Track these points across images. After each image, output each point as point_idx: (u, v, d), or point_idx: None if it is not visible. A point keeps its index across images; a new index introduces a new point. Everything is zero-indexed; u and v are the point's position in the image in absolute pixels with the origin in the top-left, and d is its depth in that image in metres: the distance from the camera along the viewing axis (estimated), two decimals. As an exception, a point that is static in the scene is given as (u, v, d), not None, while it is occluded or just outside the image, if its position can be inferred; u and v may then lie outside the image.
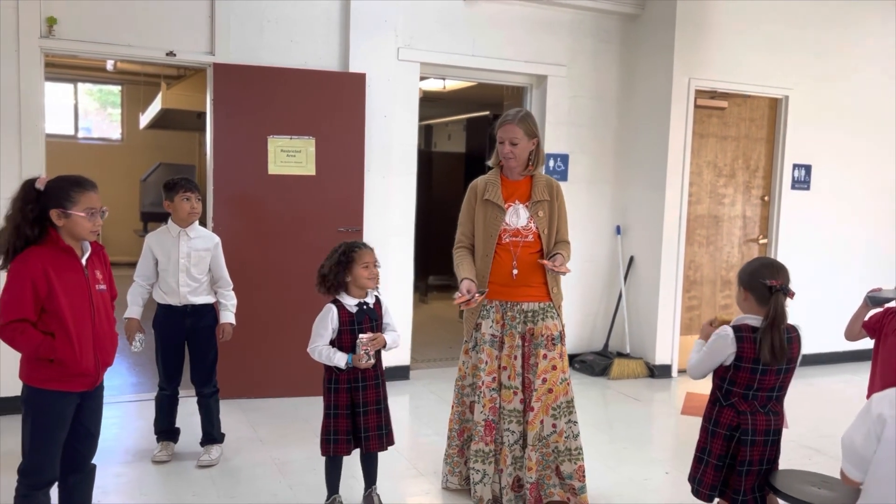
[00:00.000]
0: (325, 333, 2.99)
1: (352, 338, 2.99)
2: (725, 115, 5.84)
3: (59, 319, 2.41)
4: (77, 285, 2.47)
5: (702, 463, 2.62)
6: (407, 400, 4.98)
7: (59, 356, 2.41)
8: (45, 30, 4.25)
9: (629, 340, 5.86)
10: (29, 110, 4.27)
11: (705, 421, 2.65)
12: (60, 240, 2.45)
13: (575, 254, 5.80)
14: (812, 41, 5.94)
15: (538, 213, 3.28)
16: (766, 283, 2.51)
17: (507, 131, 3.24)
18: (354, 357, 2.95)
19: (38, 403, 2.47)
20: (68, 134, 10.89)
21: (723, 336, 2.55)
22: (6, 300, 2.38)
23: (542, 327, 3.23)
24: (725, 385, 2.57)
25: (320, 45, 4.91)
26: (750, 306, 2.57)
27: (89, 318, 2.48)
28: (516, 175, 3.33)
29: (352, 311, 3.01)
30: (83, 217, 2.45)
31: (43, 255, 2.41)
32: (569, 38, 5.65)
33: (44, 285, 2.38)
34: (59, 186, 2.45)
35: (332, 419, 3.02)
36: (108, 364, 2.62)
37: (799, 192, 6.08)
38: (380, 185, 5.12)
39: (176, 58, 4.61)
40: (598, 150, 5.87)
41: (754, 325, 2.54)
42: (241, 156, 4.71)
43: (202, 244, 3.71)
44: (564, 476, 3.29)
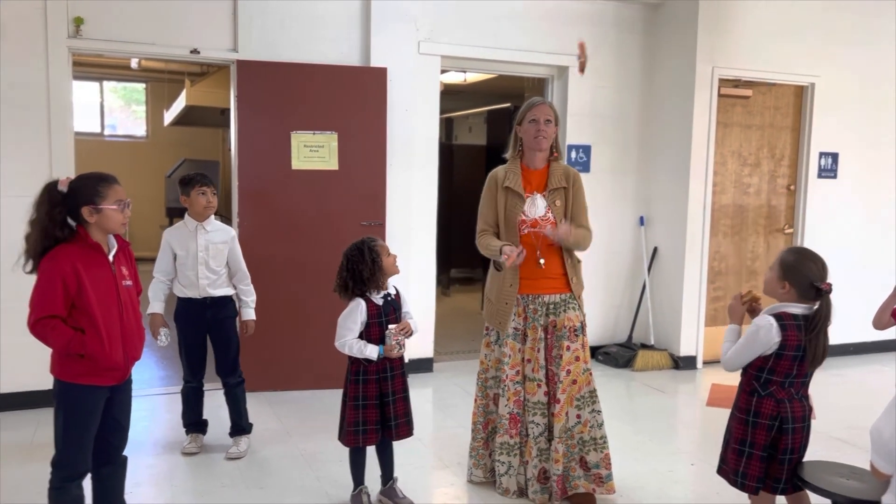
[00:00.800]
0: (354, 328, 3.03)
1: (380, 330, 3.03)
2: (750, 103, 5.77)
3: (88, 315, 2.45)
4: (105, 281, 2.51)
5: (743, 455, 2.57)
6: (430, 392, 5.01)
7: (89, 351, 2.46)
8: (73, 30, 4.32)
9: (653, 332, 5.84)
10: (58, 109, 4.34)
11: (741, 413, 2.59)
12: (88, 237, 2.50)
13: (598, 245, 5.79)
14: (838, 27, 5.85)
15: (555, 202, 3.28)
16: (818, 285, 2.50)
17: (542, 110, 3.26)
18: (386, 348, 3.01)
19: (69, 398, 2.53)
20: (95, 132, 11.05)
21: (766, 326, 2.49)
22: (37, 297, 2.43)
23: (565, 318, 3.23)
24: (764, 375, 2.53)
25: (342, 40, 4.93)
26: (789, 297, 2.54)
27: (117, 314, 2.53)
28: (539, 162, 3.32)
29: (378, 303, 3.06)
30: (115, 210, 2.50)
31: (71, 252, 2.45)
32: (590, 28, 5.61)
33: (73, 282, 2.43)
34: (86, 185, 2.50)
35: (361, 410, 3.05)
36: (137, 358, 2.67)
37: (826, 180, 6.00)
38: (402, 178, 5.13)
39: (200, 55, 4.66)
40: (620, 140, 5.84)
41: (795, 313, 2.52)
42: (265, 151, 4.75)
43: (219, 237, 3.78)
44: (591, 465, 3.29)
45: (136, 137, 11.37)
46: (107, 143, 11.09)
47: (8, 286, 4.08)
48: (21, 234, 2.49)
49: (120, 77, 10.94)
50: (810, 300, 2.52)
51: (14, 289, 2.88)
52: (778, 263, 2.58)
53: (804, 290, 2.51)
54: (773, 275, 2.59)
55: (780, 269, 2.56)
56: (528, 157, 3.34)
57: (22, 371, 4.28)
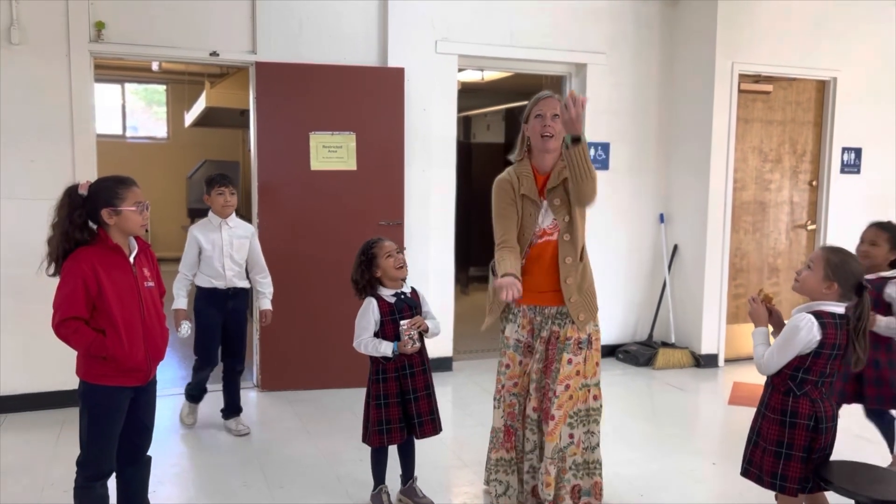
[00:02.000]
0: (368, 326, 3.06)
1: (394, 327, 3.05)
2: (771, 98, 5.71)
3: (109, 317, 2.49)
4: (126, 283, 2.55)
5: (781, 458, 2.51)
6: (450, 391, 5.02)
7: (111, 353, 2.49)
8: (94, 34, 4.37)
9: (674, 330, 5.80)
10: (80, 113, 4.40)
11: (776, 413, 2.53)
12: (109, 239, 2.53)
13: (618, 242, 5.82)
14: (860, 21, 5.76)
15: (553, 201, 2.99)
16: (861, 282, 2.50)
17: (549, 104, 2.93)
18: (400, 344, 3.02)
19: (93, 398, 2.56)
20: (116, 134, 11.18)
21: (808, 325, 2.46)
22: (60, 299, 2.48)
23: (569, 329, 2.98)
24: (801, 374, 2.50)
25: (359, 40, 4.95)
26: (831, 296, 2.51)
27: (139, 315, 2.56)
28: (549, 164, 3.00)
29: (390, 301, 3.08)
30: (134, 211, 2.53)
31: (92, 254, 2.49)
32: (608, 25, 5.58)
33: (94, 284, 2.46)
34: (105, 187, 2.53)
35: (384, 409, 3.06)
36: (160, 359, 2.70)
37: (849, 175, 5.92)
38: (420, 178, 5.14)
39: (219, 58, 4.70)
40: (639, 137, 5.80)
41: (834, 311, 2.49)
42: (284, 152, 4.78)
43: (241, 232, 4.10)
44: (581, 494, 3.07)
45: (158, 139, 11.49)
46: (128, 144, 11.22)
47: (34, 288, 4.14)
48: (45, 236, 2.53)
49: (141, 79, 11.06)
50: (850, 299, 2.51)
51: (40, 290, 2.92)
52: (823, 263, 2.52)
53: (849, 289, 2.50)
54: (815, 274, 2.54)
55: (827, 269, 2.51)
56: (538, 160, 3.02)
57: (47, 371, 4.34)
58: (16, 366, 4.37)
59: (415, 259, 5.11)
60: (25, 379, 4.41)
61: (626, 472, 3.63)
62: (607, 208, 5.71)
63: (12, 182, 4.29)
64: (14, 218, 4.30)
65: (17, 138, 4.28)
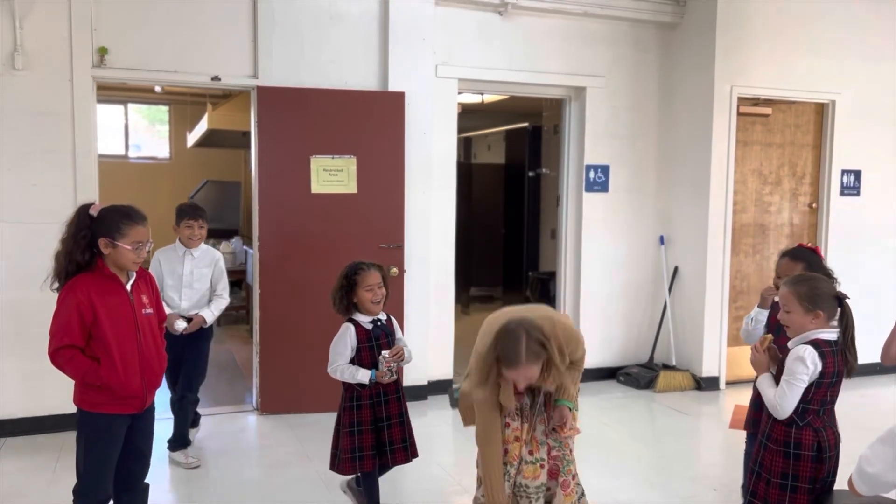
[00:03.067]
0: (344, 352, 3.05)
1: (371, 354, 3.04)
2: (770, 121, 5.74)
3: (104, 345, 2.50)
4: (122, 311, 2.55)
5: (787, 490, 2.47)
6: (450, 415, 5.00)
7: (105, 382, 2.49)
8: (97, 59, 4.41)
9: (675, 352, 5.78)
10: (82, 137, 4.43)
11: (778, 445, 2.50)
12: (105, 267, 2.54)
13: (618, 264, 5.82)
14: (857, 43, 5.80)
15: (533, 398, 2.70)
16: (837, 295, 2.49)
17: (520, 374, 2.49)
18: (378, 373, 3.00)
19: (90, 426, 2.56)
20: (119, 154, 11.23)
21: (810, 356, 2.43)
22: (55, 327, 2.49)
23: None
24: (802, 405, 2.47)
25: (360, 65, 4.98)
26: (820, 323, 2.50)
27: (135, 343, 2.56)
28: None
29: (368, 328, 3.07)
30: (129, 249, 2.53)
31: (88, 282, 2.50)
32: (607, 49, 5.62)
33: (89, 312, 2.47)
34: (111, 217, 2.55)
35: (357, 436, 3.03)
36: (157, 386, 2.70)
37: (848, 198, 5.93)
38: (420, 200, 5.16)
39: (221, 82, 4.73)
40: (639, 160, 5.82)
41: (828, 339, 2.48)
42: (285, 175, 4.80)
43: (205, 261, 4.11)
44: None
45: (160, 159, 11.53)
46: (131, 164, 11.26)
47: (34, 311, 4.15)
48: (47, 258, 2.56)
49: (143, 100, 11.13)
50: (835, 318, 2.50)
51: (40, 314, 2.94)
52: (796, 299, 2.49)
53: (832, 308, 2.49)
54: (795, 314, 2.51)
55: (803, 302, 2.49)
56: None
57: (47, 394, 4.33)
58: (15, 389, 4.37)
59: (415, 280, 5.13)
60: (25, 402, 4.40)
61: (624, 498, 3.60)
62: (607, 230, 5.72)
63: (13, 206, 4.31)
64: (14, 241, 4.31)
65: (20, 162, 4.31)
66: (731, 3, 5.41)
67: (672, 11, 5.66)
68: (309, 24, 4.85)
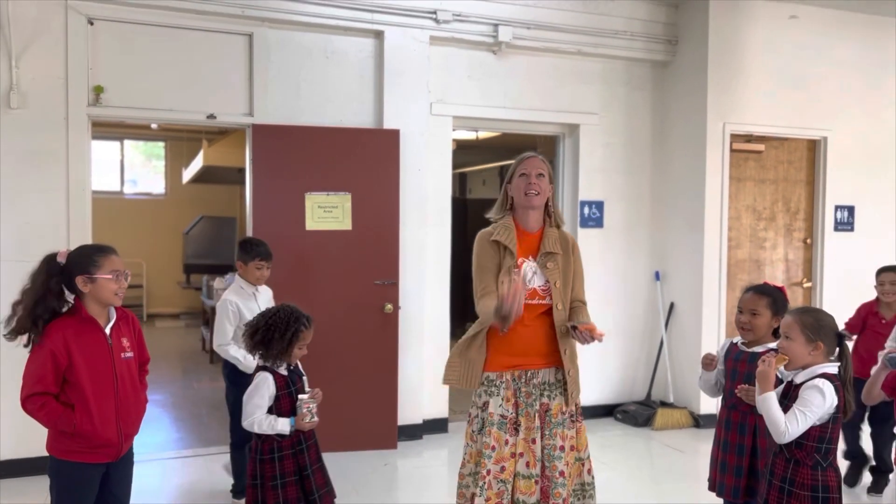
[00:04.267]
0: (262, 403, 2.84)
1: (290, 401, 2.88)
2: (763, 158, 5.77)
3: (78, 391, 2.44)
4: (100, 355, 2.50)
5: None
6: (446, 454, 4.92)
7: (79, 430, 2.44)
8: (93, 98, 4.43)
9: (672, 389, 5.74)
10: (77, 175, 4.42)
11: (807, 490, 2.42)
12: (83, 310, 2.49)
13: (614, 300, 5.80)
14: (849, 81, 5.87)
15: (546, 264, 2.88)
16: (839, 332, 2.50)
17: (533, 164, 2.90)
18: (298, 419, 2.85)
19: (62, 475, 2.50)
20: (114, 190, 11.25)
21: (829, 391, 2.42)
22: (28, 374, 2.44)
23: (561, 403, 2.87)
24: (825, 445, 2.44)
25: (355, 103, 5.01)
26: (819, 356, 2.50)
27: (112, 389, 2.51)
28: (534, 223, 2.93)
29: (284, 374, 2.92)
30: (109, 279, 2.49)
31: (65, 326, 2.46)
32: (600, 86, 5.68)
33: (64, 357, 2.42)
34: (82, 254, 2.52)
35: (282, 490, 2.83)
36: (134, 433, 2.64)
37: (843, 233, 5.95)
38: (415, 236, 5.15)
39: (216, 120, 4.75)
40: (633, 196, 5.84)
41: (834, 373, 2.48)
42: (280, 213, 4.79)
43: (267, 297, 4.07)
44: None
45: (155, 195, 11.56)
46: (126, 200, 11.28)
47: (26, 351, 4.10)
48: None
49: (140, 136, 11.19)
50: (833, 353, 2.50)
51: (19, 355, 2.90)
52: (800, 328, 2.50)
53: (833, 343, 2.50)
54: (797, 342, 2.51)
55: (806, 332, 2.49)
56: (521, 217, 2.93)
57: (30, 436, 4.24)
58: (7, 430, 4.29)
59: (410, 317, 5.10)
60: (15, 444, 4.31)
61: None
62: (603, 266, 5.71)
63: (7, 244, 4.28)
64: (8, 280, 4.26)
65: (13, 199, 4.29)
66: (723, 42, 5.48)
67: (664, 50, 5.73)
68: (305, 63, 4.89)
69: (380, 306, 4.92)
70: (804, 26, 5.69)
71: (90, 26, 4.42)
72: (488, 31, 5.21)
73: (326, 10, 4.82)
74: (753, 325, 2.88)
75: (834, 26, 5.79)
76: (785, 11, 5.62)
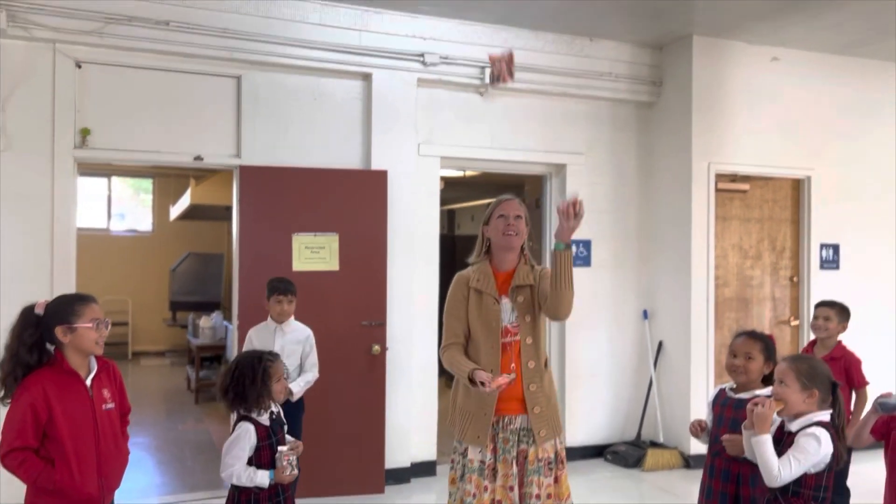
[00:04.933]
0: (242, 455, 2.76)
1: (270, 452, 2.81)
2: (748, 196, 5.83)
3: (59, 446, 2.39)
4: (80, 408, 2.45)
5: None
6: (434, 498, 4.85)
7: (59, 486, 2.38)
8: (79, 140, 4.42)
9: (662, 429, 5.70)
10: (62, 217, 4.39)
11: None
12: (65, 362, 2.45)
13: (602, 339, 5.78)
14: (831, 121, 5.95)
15: (517, 298, 2.93)
16: (833, 381, 2.52)
17: (511, 206, 2.97)
18: (277, 471, 2.77)
19: None
20: (101, 227, 11.18)
21: (825, 439, 2.43)
22: (7, 428, 2.38)
23: (539, 449, 2.86)
24: (822, 493, 2.45)
25: (343, 144, 5.03)
26: (813, 403, 2.51)
27: (93, 442, 2.46)
28: (509, 263, 2.99)
29: (266, 424, 2.85)
30: (89, 328, 2.45)
31: (45, 379, 2.41)
32: (586, 127, 5.73)
33: (44, 411, 2.37)
34: (61, 304, 2.48)
35: None
36: (115, 486, 2.59)
37: (828, 271, 5.98)
38: (403, 276, 5.13)
39: (203, 161, 4.75)
40: (620, 234, 5.86)
41: (828, 421, 2.49)
42: (267, 253, 4.77)
43: (296, 337, 4.13)
44: None
45: (141, 232, 11.50)
46: (113, 237, 11.21)
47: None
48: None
49: (127, 173, 11.17)
50: (827, 402, 2.51)
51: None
52: (795, 375, 2.52)
53: (826, 391, 2.51)
54: (791, 388, 2.52)
55: (801, 378, 2.51)
56: (498, 259, 2.99)
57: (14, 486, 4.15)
58: None
59: (398, 358, 5.05)
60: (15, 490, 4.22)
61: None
62: (591, 305, 5.70)
63: (-12, 287, 4.23)
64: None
65: (-4, 242, 4.26)
66: (707, 83, 5.56)
67: (649, 91, 5.80)
68: (293, 104, 4.91)
69: (367, 348, 4.88)
70: (786, 68, 5.78)
71: (78, 69, 4.43)
72: (475, 74, 5.27)
73: (315, 53, 4.87)
74: (748, 368, 2.87)
75: (815, 68, 5.89)
76: (767, 54, 5.73)
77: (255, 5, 4.73)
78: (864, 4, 4.86)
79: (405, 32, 5.10)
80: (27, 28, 4.24)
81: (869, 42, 5.63)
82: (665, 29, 5.42)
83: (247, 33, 4.69)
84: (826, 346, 4.05)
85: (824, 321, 4.02)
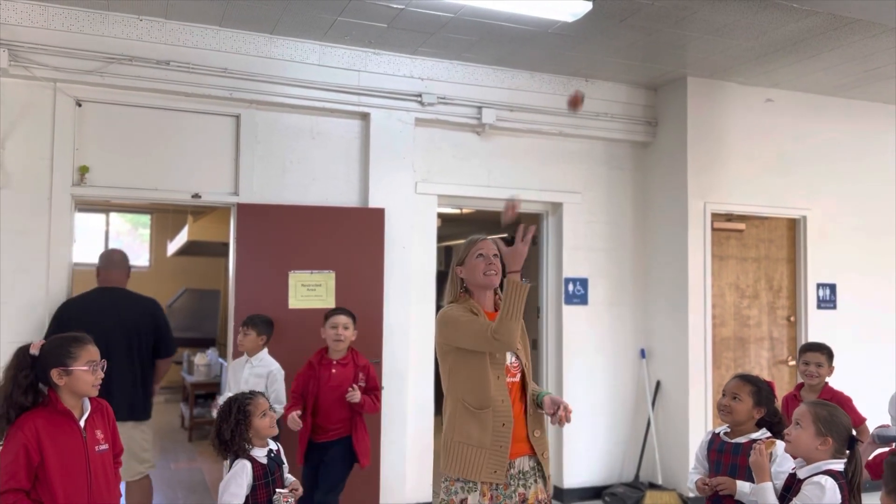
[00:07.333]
0: (240, 493, 2.75)
1: (267, 492, 2.79)
2: (744, 236, 5.84)
3: (49, 490, 2.36)
4: (74, 450, 2.42)
5: None
6: (429, 541, 4.77)
7: None
8: (78, 178, 4.44)
9: (660, 469, 5.63)
10: (58, 254, 4.39)
11: None
12: (59, 402, 2.42)
13: (599, 378, 5.75)
14: (827, 161, 6.00)
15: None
16: (852, 434, 2.47)
17: (488, 245, 2.88)
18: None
19: None
20: (98, 262, 11.16)
21: (831, 488, 2.39)
22: (0, 469, 2.34)
23: (537, 491, 2.81)
24: None
25: (341, 182, 5.06)
26: (826, 452, 2.46)
27: (85, 486, 2.43)
28: (489, 302, 2.91)
29: (263, 462, 2.83)
30: (85, 371, 2.43)
31: (38, 420, 2.38)
32: (582, 166, 5.77)
33: (36, 453, 2.34)
34: (57, 345, 2.46)
35: None
36: None
37: (825, 311, 5.97)
38: (399, 314, 5.12)
39: (201, 199, 4.77)
40: (616, 273, 5.86)
41: (840, 470, 2.44)
42: (263, 290, 4.76)
43: (257, 371, 4.19)
44: None
45: (138, 267, 11.46)
46: (109, 272, 11.17)
47: None
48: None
49: (126, 209, 11.19)
50: (843, 454, 2.46)
51: None
52: (812, 418, 2.48)
53: (843, 442, 2.46)
54: (806, 432, 2.48)
55: (818, 424, 2.47)
56: (478, 298, 2.90)
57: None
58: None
59: (393, 397, 5.01)
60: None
61: None
62: (589, 343, 5.68)
63: (-18, 324, 4.21)
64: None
65: (-8, 279, 4.24)
66: (702, 123, 5.62)
67: (644, 131, 5.86)
68: (291, 143, 4.95)
69: (362, 386, 4.83)
70: (780, 109, 5.85)
71: (78, 107, 4.47)
72: (472, 114, 5.32)
73: (314, 92, 4.92)
74: (733, 408, 2.88)
75: (810, 109, 5.96)
76: (761, 95, 5.79)
77: (255, 46, 4.79)
78: (855, 49, 4.94)
79: (403, 73, 5.16)
80: (28, 67, 4.28)
81: (861, 84, 5.71)
82: (660, 70, 5.50)
83: (247, 73, 4.75)
84: (815, 390, 4.01)
85: (816, 367, 3.97)
